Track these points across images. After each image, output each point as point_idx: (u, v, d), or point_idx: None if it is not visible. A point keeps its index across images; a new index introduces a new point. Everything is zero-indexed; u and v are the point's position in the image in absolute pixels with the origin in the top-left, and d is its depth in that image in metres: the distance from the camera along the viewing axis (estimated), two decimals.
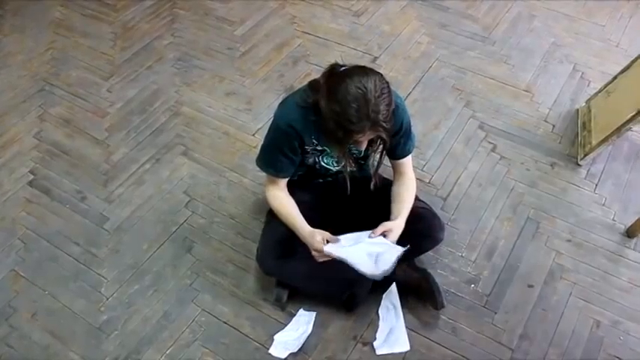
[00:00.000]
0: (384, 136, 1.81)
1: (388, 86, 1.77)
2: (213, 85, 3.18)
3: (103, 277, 2.37)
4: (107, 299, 2.30)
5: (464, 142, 2.85)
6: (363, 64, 1.84)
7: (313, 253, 2.04)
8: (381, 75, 1.77)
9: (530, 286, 2.33)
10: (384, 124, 1.76)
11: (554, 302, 2.28)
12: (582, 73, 3.21)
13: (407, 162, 2.17)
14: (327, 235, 2.03)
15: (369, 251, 2.00)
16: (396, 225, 2.05)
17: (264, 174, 2.16)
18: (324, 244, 2.01)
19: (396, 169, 2.19)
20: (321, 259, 2.03)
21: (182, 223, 2.54)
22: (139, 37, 3.51)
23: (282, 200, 2.14)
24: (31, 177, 2.75)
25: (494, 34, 3.47)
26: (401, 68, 3.24)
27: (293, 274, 2.17)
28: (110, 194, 2.66)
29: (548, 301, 2.29)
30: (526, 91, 3.11)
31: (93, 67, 3.32)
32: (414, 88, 3.12)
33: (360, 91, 1.69)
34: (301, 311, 2.23)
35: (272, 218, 2.22)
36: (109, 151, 2.85)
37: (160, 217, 2.57)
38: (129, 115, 3.03)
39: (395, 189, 2.17)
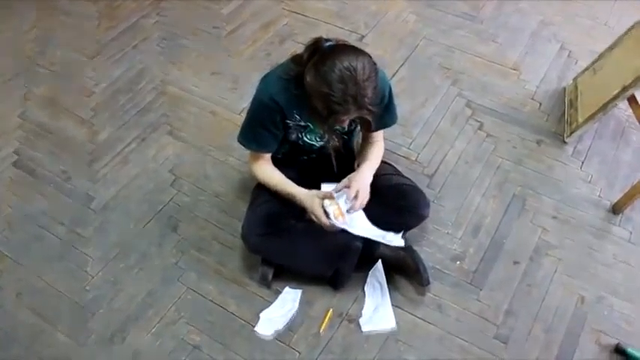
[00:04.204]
0: (368, 118, 1.81)
1: (376, 68, 1.76)
2: (199, 65, 3.16)
3: (88, 256, 2.36)
4: (92, 278, 2.30)
5: (450, 120, 2.84)
6: (349, 42, 1.83)
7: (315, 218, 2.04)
8: (370, 56, 1.76)
9: (516, 263, 2.33)
10: (370, 107, 1.75)
11: (539, 278, 2.29)
12: (570, 51, 3.20)
13: (379, 133, 2.19)
14: (321, 194, 2.05)
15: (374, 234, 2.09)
16: (360, 178, 2.06)
17: (248, 152, 2.16)
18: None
19: (366, 139, 2.19)
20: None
21: (168, 202, 2.52)
22: (125, 16, 3.47)
23: (269, 171, 2.14)
24: (16, 157, 2.73)
25: (482, 12, 3.45)
26: (388, 47, 3.22)
27: (278, 251, 2.16)
28: (95, 174, 2.65)
29: (534, 277, 2.29)
30: (513, 69, 3.10)
31: (78, 46, 3.29)
32: (401, 66, 3.11)
33: (348, 72, 1.67)
34: (287, 289, 2.23)
35: (257, 195, 2.21)
36: (95, 131, 2.83)
37: (146, 196, 2.56)
38: (114, 94, 3.00)
39: (361, 147, 2.20)
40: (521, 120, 2.84)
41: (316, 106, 1.78)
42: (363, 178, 2.08)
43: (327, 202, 2.02)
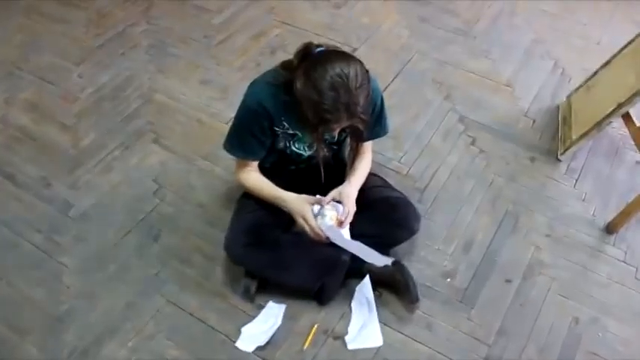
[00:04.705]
0: (360, 127, 1.75)
1: (368, 75, 1.71)
2: (188, 73, 3.09)
3: (64, 265, 2.27)
4: (68, 288, 2.20)
5: (443, 134, 2.79)
6: (340, 48, 1.78)
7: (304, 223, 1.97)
8: (361, 63, 1.70)
9: (508, 281, 2.27)
10: (362, 116, 1.70)
11: (532, 298, 2.22)
12: (563, 69, 3.17)
13: (368, 144, 2.13)
14: (311, 199, 1.99)
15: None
16: (348, 191, 2.00)
17: (235, 163, 2.09)
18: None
19: (354, 150, 2.12)
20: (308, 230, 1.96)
21: (150, 212, 2.44)
22: (113, 24, 3.41)
23: (256, 178, 2.07)
24: None
25: (476, 29, 3.43)
26: (380, 61, 3.18)
27: (262, 263, 2.07)
28: (76, 181, 2.56)
29: (526, 296, 2.22)
30: (507, 85, 3.07)
31: (64, 52, 3.22)
32: (393, 80, 3.07)
33: (340, 79, 1.62)
34: (270, 303, 2.15)
35: (243, 205, 2.15)
36: (78, 137, 2.74)
37: (127, 204, 2.47)
38: (100, 101, 2.93)
39: (349, 158, 2.13)
40: (515, 136, 2.80)
41: (306, 114, 1.71)
42: (350, 191, 2.02)
43: (322, 206, 1.96)
